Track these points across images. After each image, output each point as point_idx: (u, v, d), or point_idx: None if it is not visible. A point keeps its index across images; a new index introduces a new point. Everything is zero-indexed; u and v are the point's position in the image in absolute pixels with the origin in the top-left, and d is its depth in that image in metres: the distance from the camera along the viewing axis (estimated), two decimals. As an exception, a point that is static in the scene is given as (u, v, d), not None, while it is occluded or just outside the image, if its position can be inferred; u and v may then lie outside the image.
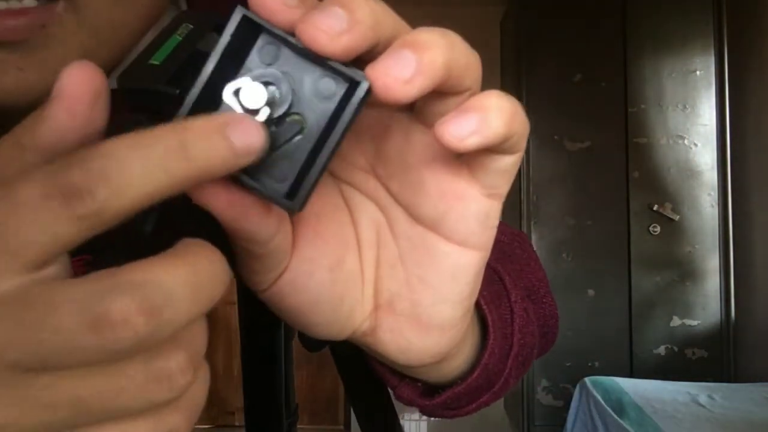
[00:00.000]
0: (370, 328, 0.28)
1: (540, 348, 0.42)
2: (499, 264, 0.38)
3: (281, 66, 0.20)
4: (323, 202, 0.26)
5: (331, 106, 0.20)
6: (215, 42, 0.19)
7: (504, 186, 0.24)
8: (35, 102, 0.27)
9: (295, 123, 0.20)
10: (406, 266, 0.26)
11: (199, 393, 0.20)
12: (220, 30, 0.19)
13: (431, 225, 0.25)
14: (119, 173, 0.16)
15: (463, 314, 0.27)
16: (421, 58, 0.19)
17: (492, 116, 0.20)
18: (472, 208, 0.24)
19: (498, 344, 0.33)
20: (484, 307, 0.33)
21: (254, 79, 0.20)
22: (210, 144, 0.18)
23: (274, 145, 0.20)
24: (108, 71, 0.32)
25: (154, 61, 0.21)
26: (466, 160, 0.24)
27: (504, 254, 0.42)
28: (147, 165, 0.17)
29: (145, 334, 0.16)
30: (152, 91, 0.21)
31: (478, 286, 0.27)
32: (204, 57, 0.19)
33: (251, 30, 0.20)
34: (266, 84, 0.20)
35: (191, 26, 0.23)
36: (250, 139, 0.19)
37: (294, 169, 0.20)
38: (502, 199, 0.25)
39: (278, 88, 0.20)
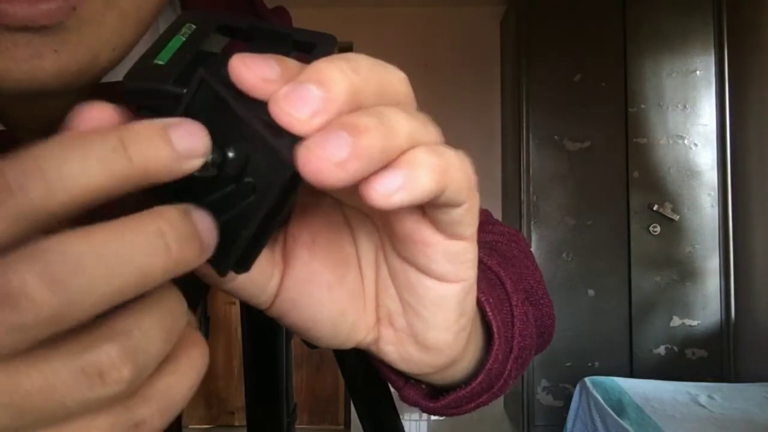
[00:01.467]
0: (373, 339, 0.28)
1: (537, 347, 0.42)
2: (501, 268, 0.38)
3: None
4: (320, 224, 0.27)
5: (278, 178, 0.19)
6: (219, 42, 0.19)
7: (467, 229, 0.24)
8: (69, 84, 0.27)
9: (249, 185, 0.20)
10: (398, 290, 0.27)
11: (175, 385, 0.19)
12: (223, 31, 0.19)
13: (408, 261, 0.25)
14: (56, 168, 0.16)
15: (455, 337, 0.27)
16: (357, 141, 0.18)
17: (419, 172, 0.19)
18: (441, 251, 0.24)
19: (501, 349, 0.34)
20: (489, 313, 0.33)
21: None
22: (150, 144, 0.17)
23: (226, 207, 0.20)
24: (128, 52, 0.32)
25: (159, 61, 0.21)
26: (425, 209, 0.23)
27: (504, 258, 0.42)
28: (85, 162, 0.16)
29: (51, 310, 0.15)
30: (159, 90, 0.21)
31: (467, 311, 0.27)
32: (208, 57, 0.19)
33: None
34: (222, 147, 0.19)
35: (194, 26, 0.22)
36: (193, 142, 0.18)
37: (235, 233, 0.20)
38: (474, 238, 0.25)
39: (234, 151, 0.19)
